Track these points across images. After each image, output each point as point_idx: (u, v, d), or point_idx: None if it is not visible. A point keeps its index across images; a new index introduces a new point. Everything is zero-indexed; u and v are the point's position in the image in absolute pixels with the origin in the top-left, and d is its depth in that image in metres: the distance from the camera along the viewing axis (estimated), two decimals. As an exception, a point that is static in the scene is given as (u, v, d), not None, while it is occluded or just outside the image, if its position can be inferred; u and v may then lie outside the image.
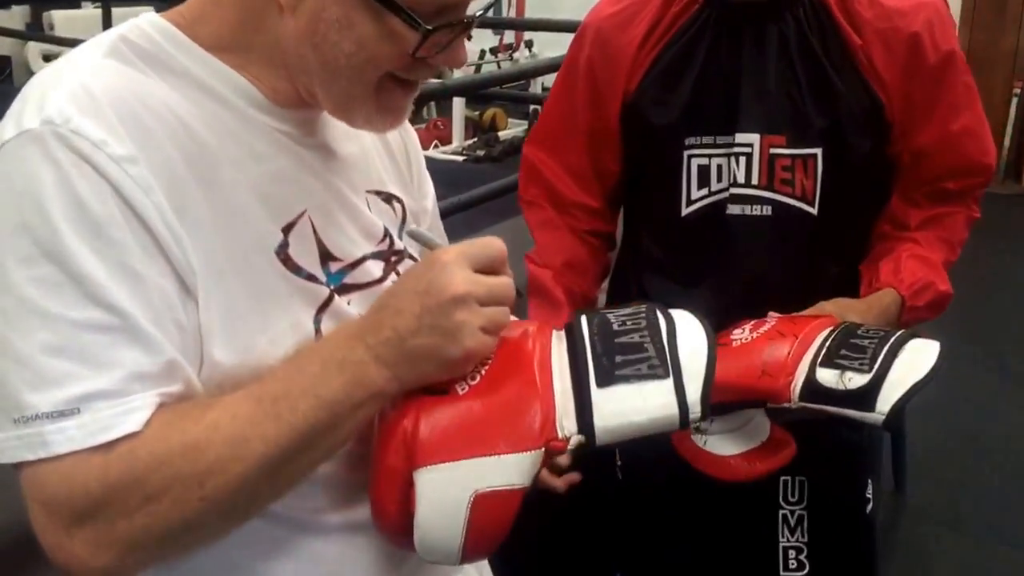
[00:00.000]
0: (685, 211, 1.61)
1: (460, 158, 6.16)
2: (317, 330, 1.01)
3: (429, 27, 0.93)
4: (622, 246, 1.79)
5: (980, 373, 4.40)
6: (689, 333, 1.04)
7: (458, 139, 6.95)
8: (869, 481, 1.73)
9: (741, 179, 1.57)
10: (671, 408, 0.98)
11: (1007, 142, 7.61)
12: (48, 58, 7.89)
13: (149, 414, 0.86)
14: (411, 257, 1.15)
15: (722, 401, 1.09)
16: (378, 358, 0.93)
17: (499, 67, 7.44)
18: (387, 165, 1.19)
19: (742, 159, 1.56)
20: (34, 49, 7.86)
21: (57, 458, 0.84)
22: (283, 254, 0.99)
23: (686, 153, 1.59)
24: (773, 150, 1.55)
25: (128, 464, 0.85)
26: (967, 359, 4.38)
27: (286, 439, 0.90)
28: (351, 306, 1.05)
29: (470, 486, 0.95)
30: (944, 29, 1.54)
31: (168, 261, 0.89)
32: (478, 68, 8.04)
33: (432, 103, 7.28)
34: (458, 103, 6.67)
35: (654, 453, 1.29)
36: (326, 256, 1.04)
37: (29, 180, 0.86)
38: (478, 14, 1.00)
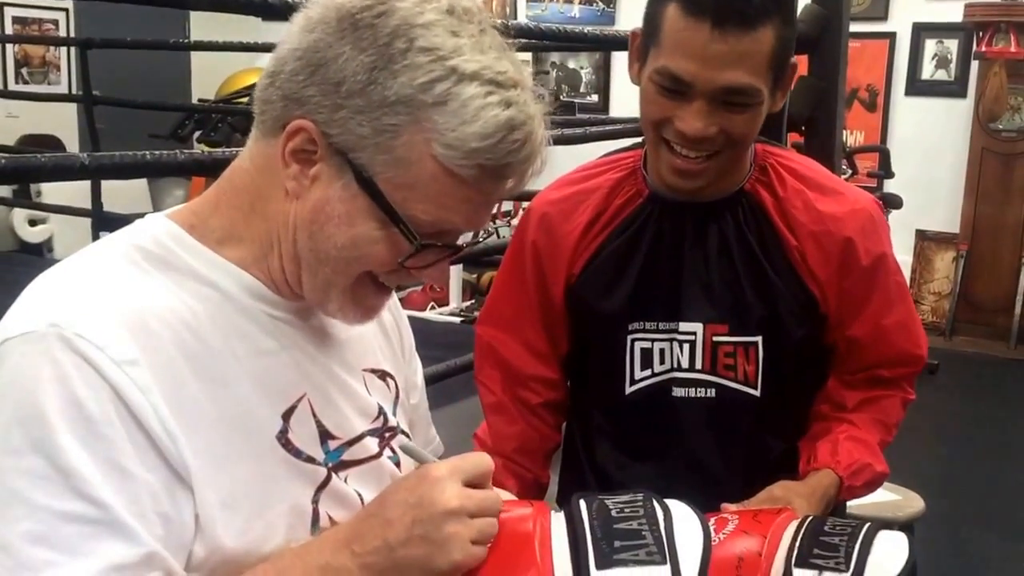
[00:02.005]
0: (629, 390, 1.71)
1: (457, 319, 6.25)
2: (315, 510, 1.09)
3: (424, 242, 1.03)
4: (569, 413, 1.88)
5: (993, 539, 4.40)
6: (685, 524, 1.14)
7: (455, 301, 7.05)
8: None
9: (685, 364, 1.67)
10: None
11: (1018, 309, 7.65)
12: (34, 223, 8.00)
13: None
14: (404, 433, 1.24)
15: None
16: (364, 566, 0.99)
17: (498, 235, 7.57)
18: (381, 343, 1.28)
19: (685, 345, 1.67)
20: (20, 215, 7.98)
21: None
22: (283, 439, 1.07)
23: (629, 337, 1.69)
24: (716, 338, 1.66)
25: None
26: (996, 515, 4.41)
27: None
28: (348, 483, 1.13)
29: None
30: (876, 234, 1.68)
31: (160, 457, 0.96)
32: (476, 234, 8.16)
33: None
34: (455, 267, 6.79)
35: None
36: (325, 435, 1.12)
37: (29, 377, 0.94)
38: (465, 246, 1.11)
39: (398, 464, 1.21)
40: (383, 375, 1.25)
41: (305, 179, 1.03)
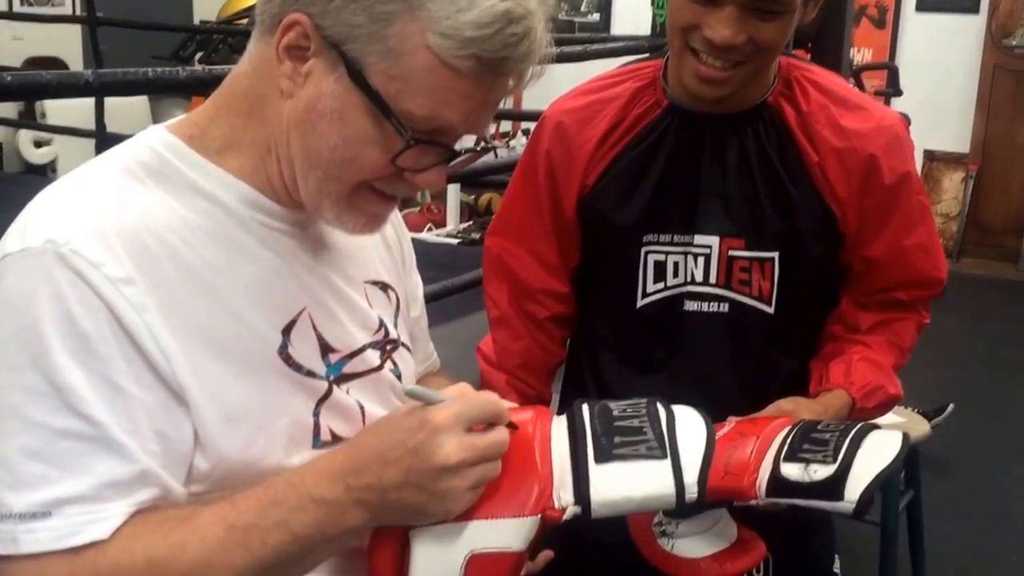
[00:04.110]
0: (640, 303, 1.68)
1: (455, 240, 6.25)
2: (316, 423, 1.08)
3: (417, 136, 1.00)
4: (576, 326, 1.85)
5: (999, 462, 4.45)
6: (688, 423, 1.14)
7: (453, 222, 7.05)
8: (836, 556, 1.80)
9: (699, 278, 1.64)
10: (667, 488, 1.07)
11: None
12: (39, 144, 8.00)
13: (118, 523, 0.94)
14: (404, 346, 1.24)
15: None
16: (359, 501, 0.99)
17: (495, 155, 7.54)
18: (383, 255, 1.27)
19: (700, 259, 1.64)
20: (26, 136, 7.97)
21: (27, 556, 0.91)
22: (284, 354, 1.07)
23: (643, 249, 1.67)
24: (732, 252, 1.63)
25: (92, 571, 0.93)
26: (1003, 438, 4.50)
27: (252, 571, 0.97)
28: (350, 395, 1.13)
29: (466, 547, 1.02)
30: (902, 152, 1.63)
31: (155, 375, 0.96)
32: (478, 141, 8.10)
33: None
34: (453, 188, 6.81)
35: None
36: (326, 348, 1.11)
37: (26, 294, 0.94)
38: (464, 152, 1.08)
39: (399, 376, 1.21)
40: (384, 287, 1.24)
41: (299, 76, 1.01)
